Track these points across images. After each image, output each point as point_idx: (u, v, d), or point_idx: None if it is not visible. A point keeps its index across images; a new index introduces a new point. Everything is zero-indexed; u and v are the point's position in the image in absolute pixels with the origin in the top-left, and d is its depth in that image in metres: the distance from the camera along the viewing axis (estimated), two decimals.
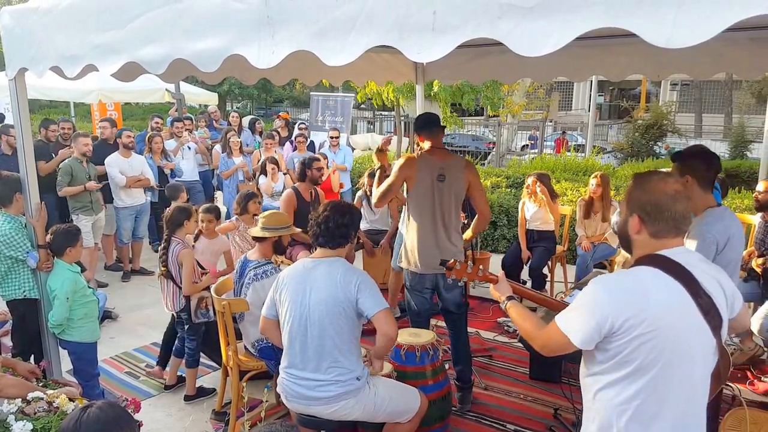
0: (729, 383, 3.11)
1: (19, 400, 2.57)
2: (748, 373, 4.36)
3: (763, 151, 6.19)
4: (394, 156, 13.29)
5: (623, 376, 1.76)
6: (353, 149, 11.89)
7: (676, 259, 1.78)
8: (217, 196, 10.20)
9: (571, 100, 33.40)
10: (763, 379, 4.29)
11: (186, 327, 4.18)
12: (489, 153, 18.85)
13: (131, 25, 2.78)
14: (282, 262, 5.27)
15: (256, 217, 5.14)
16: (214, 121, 10.46)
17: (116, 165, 6.74)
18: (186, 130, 8.54)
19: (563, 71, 5.20)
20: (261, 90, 30.70)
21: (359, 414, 2.87)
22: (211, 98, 13.78)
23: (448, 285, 3.86)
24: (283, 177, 7.60)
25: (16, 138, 3.87)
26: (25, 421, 2.42)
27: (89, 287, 3.88)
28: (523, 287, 2.56)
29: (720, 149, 15.44)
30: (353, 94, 13.22)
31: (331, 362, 2.80)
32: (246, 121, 11.60)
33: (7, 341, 4.36)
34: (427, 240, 3.83)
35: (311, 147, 9.43)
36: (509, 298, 2.29)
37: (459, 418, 3.93)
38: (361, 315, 2.82)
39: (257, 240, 3.85)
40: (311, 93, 12.54)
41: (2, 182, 3.84)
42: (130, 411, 2.30)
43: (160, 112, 10.72)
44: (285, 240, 3.98)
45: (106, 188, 6.70)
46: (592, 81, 17.58)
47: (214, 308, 4.12)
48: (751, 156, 15.48)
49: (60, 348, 3.83)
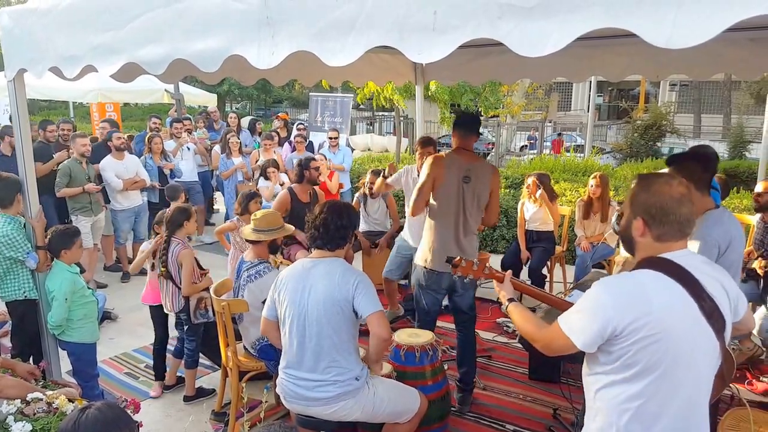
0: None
1: (19, 400, 2.57)
2: (747, 373, 4.36)
3: (762, 151, 6.20)
4: (393, 158, 13.29)
5: (626, 378, 1.76)
6: (353, 150, 11.88)
7: (679, 262, 1.77)
8: (217, 196, 10.20)
9: (571, 101, 33.41)
10: (761, 379, 4.29)
11: (185, 327, 4.18)
12: (488, 153, 18.86)
13: (131, 25, 2.78)
14: (281, 262, 5.28)
15: None
16: (213, 122, 10.45)
17: (111, 168, 6.69)
18: (186, 130, 8.54)
19: (563, 72, 5.20)
20: (260, 90, 30.70)
21: (358, 414, 2.87)
22: (210, 99, 13.78)
23: (464, 286, 3.86)
24: (285, 178, 7.59)
25: (15, 138, 3.86)
26: (24, 421, 2.42)
27: (88, 288, 3.88)
28: (527, 286, 2.56)
29: (719, 149, 15.39)
30: (352, 95, 13.22)
31: (330, 362, 2.80)
32: (245, 121, 11.60)
33: (7, 342, 4.35)
34: (449, 240, 3.80)
35: (310, 147, 9.43)
36: (510, 300, 2.29)
37: (458, 418, 3.93)
38: (356, 315, 2.82)
39: (251, 242, 3.85)
40: (310, 93, 12.53)
41: (3, 183, 3.83)
42: (129, 411, 2.30)
43: (159, 112, 10.71)
44: (278, 240, 3.98)
45: (105, 189, 6.69)
46: (591, 81, 17.60)
47: (213, 309, 4.13)
48: (750, 156, 15.49)
49: (59, 349, 3.82)
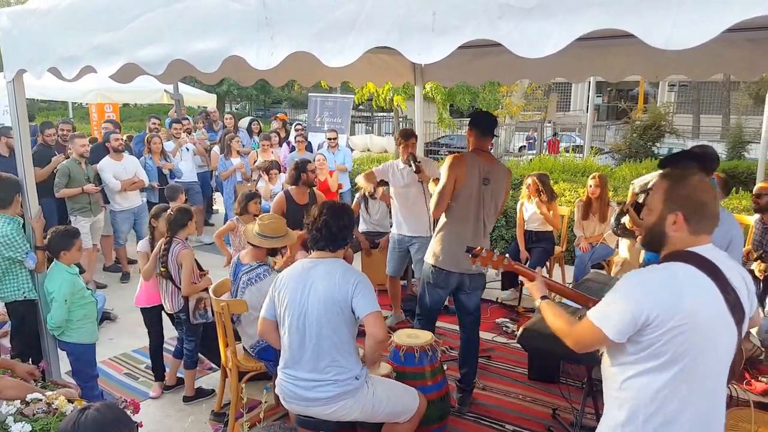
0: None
1: (18, 401, 2.56)
2: (746, 374, 4.36)
3: (761, 151, 6.21)
4: (394, 157, 13.27)
5: (653, 367, 1.82)
6: (352, 150, 11.88)
7: (707, 255, 1.85)
8: (216, 197, 10.20)
9: (570, 101, 33.42)
10: (760, 379, 4.29)
11: (184, 328, 4.18)
12: None
13: (130, 26, 2.78)
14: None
15: (256, 217, 5.15)
16: (212, 123, 10.45)
17: (109, 169, 6.68)
18: (185, 131, 8.54)
19: (562, 72, 5.20)
20: (259, 91, 30.69)
21: (358, 414, 2.87)
22: (209, 99, 13.78)
23: (472, 286, 3.91)
24: (283, 178, 7.59)
25: (14, 140, 3.85)
26: (24, 422, 2.42)
27: (88, 288, 3.88)
28: (558, 284, 2.57)
29: (718, 150, 15.38)
30: (352, 95, 13.21)
31: (330, 362, 2.80)
32: (245, 122, 11.59)
33: (6, 342, 4.35)
34: (462, 241, 3.73)
35: (309, 148, 9.44)
36: (543, 298, 2.32)
37: (458, 418, 3.93)
38: (355, 312, 2.83)
39: (252, 244, 3.83)
40: (309, 94, 12.52)
41: (1, 184, 3.83)
42: (128, 412, 2.30)
43: (158, 113, 10.69)
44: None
45: (104, 190, 6.69)
46: (590, 82, 17.59)
47: (212, 309, 4.12)
48: (749, 156, 15.51)
49: (59, 349, 3.82)
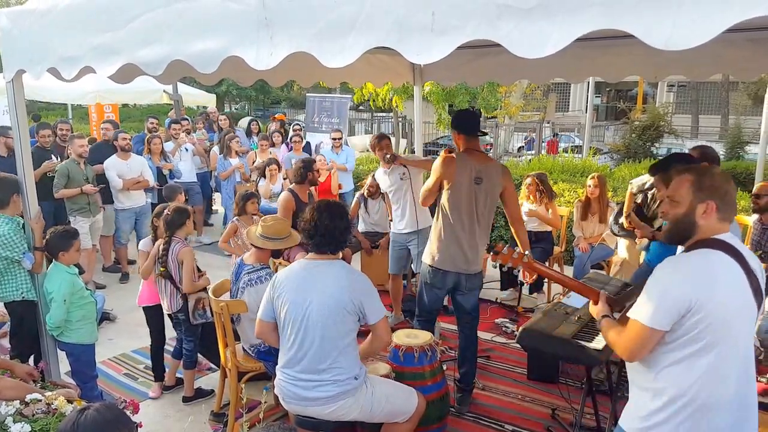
0: None
1: (18, 401, 2.56)
2: None
3: (760, 152, 6.21)
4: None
5: (692, 353, 1.91)
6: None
7: (730, 242, 1.97)
8: (215, 197, 10.20)
9: (568, 102, 33.44)
10: (759, 379, 4.29)
11: (183, 328, 4.18)
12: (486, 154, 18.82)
13: (129, 26, 2.78)
14: (280, 263, 5.26)
15: (255, 217, 5.14)
16: (213, 123, 10.44)
17: (114, 168, 6.72)
18: (184, 131, 8.54)
19: (561, 72, 5.20)
20: (259, 91, 30.67)
21: (357, 414, 2.87)
22: (209, 99, 13.78)
23: (468, 286, 3.92)
24: (281, 179, 7.59)
25: (13, 140, 3.85)
26: (23, 422, 2.41)
27: (87, 289, 3.88)
28: (553, 271, 2.68)
29: (717, 150, 15.44)
30: (350, 95, 13.21)
31: (330, 363, 2.80)
32: (244, 122, 11.58)
33: (6, 343, 4.35)
34: (457, 241, 3.82)
35: (307, 148, 9.45)
36: (605, 317, 2.31)
37: (457, 418, 3.93)
38: (361, 318, 2.84)
39: (255, 246, 3.82)
40: (307, 94, 12.53)
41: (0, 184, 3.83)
42: (128, 412, 2.29)
43: (157, 113, 10.70)
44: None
45: (104, 189, 6.69)
46: (589, 82, 17.57)
47: (211, 309, 4.12)
48: (748, 157, 15.51)
49: (58, 349, 3.82)
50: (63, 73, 3.17)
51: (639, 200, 4.84)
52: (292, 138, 8.89)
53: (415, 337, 3.65)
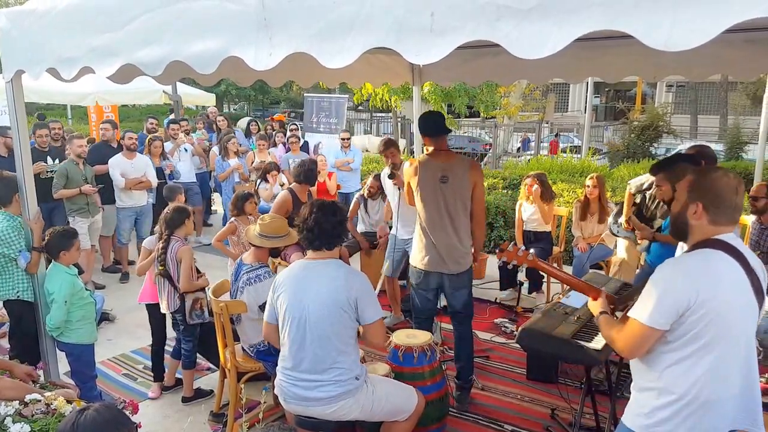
0: None
1: (17, 402, 2.56)
2: None
3: (759, 152, 6.21)
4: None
5: (694, 351, 1.94)
6: None
7: (732, 243, 1.98)
8: (215, 197, 10.19)
9: (567, 102, 33.45)
10: (759, 379, 4.29)
11: (181, 328, 4.17)
12: (485, 154, 18.84)
13: (128, 27, 2.78)
14: (279, 263, 5.27)
15: (251, 217, 5.14)
16: (212, 123, 10.43)
17: (118, 167, 6.77)
18: (183, 131, 8.53)
19: (559, 73, 5.20)
20: (258, 91, 30.68)
21: (357, 413, 2.88)
22: (208, 99, 13.77)
23: (454, 285, 3.97)
24: (284, 178, 7.58)
25: (12, 140, 3.85)
26: (22, 423, 2.41)
27: (86, 289, 3.87)
28: (556, 269, 2.72)
29: (715, 150, 15.44)
30: (348, 96, 13.21)
31: (331, 363, 2.81)
32: (243, 122, 11.58)
33: (5, 343, 4.34)
34: (430, 241, 3.92)
35: (305, 148, 9.45)
36: (602, 313, 2.35)
37: (456, 418, 3.93)
38: (357, 317, 2.84)
39: (254, 245, 3.83)
40: (305, 95, 12.52)
41: (2, 183, 3.83)
42: (127, 413, 2.30)
43: (157, 113, 10.71)
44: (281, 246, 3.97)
45: (103, 190, 6.68)
46: (588, 82, 17.62)
47: (209, 309, 4.12)
48: (747, 157, 15.52)
49: (57, 350, 3.82)
50: (62, 73, 3.17)
51: (637, 201, 4.85)
52: (289, 138, 8.89)
53: (414, 337, 3.65)
